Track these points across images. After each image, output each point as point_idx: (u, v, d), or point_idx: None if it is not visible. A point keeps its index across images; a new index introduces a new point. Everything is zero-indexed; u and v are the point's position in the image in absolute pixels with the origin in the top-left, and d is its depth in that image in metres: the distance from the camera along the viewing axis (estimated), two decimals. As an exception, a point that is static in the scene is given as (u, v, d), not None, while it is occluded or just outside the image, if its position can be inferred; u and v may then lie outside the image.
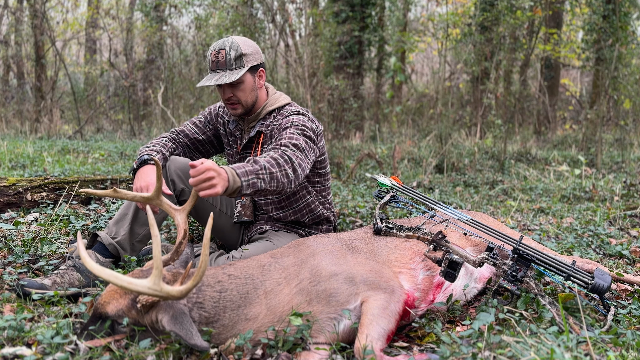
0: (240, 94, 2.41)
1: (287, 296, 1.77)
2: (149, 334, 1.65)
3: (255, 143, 2.55)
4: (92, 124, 11.57)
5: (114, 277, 1.50)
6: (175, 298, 1.55)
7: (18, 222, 2.80)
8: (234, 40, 2.38)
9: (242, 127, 2.61)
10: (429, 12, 17.11)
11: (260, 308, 1.73)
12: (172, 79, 10.65)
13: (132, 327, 1.66)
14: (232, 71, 2.36)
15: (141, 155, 2.36)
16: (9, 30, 12.63)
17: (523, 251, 2.00)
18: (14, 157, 5.77)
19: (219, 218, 2.63)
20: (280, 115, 2.50)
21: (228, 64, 2.35)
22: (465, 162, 6.96)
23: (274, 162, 2.07)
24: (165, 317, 1.59)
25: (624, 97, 10.50)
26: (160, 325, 1.60)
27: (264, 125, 2.52)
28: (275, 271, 1.84)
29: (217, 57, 2.36)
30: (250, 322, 1.71)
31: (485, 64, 9.57)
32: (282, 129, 2.36)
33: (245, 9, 8.05)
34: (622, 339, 1.70)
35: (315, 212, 2.62)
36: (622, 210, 4.12)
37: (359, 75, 11.34)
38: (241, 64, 2.37)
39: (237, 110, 2.46)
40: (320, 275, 1.81)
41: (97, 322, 1.64)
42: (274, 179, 2.04)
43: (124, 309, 1.64)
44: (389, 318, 1.72)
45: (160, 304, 1.62)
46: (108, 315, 1.64)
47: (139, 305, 1.61)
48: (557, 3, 12.50)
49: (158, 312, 1.61)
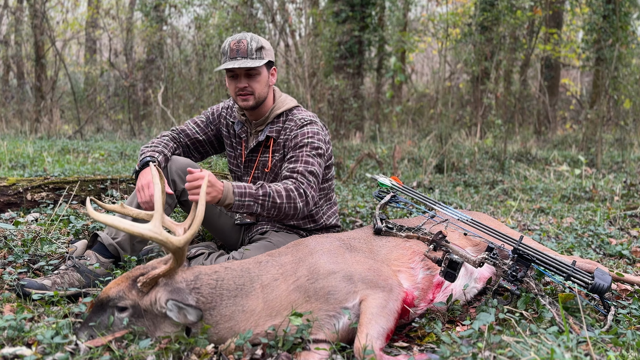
0: (255, 85, 2.42)
1: (285, 292, 1.78)
2: (145, 323, 1.68)
3: (263, 147, 2.54)
4: (92, 124, 11.57)
5: (117, 221, 1.61)
6: (175, 245, 1.65)
7: (18, 222, 2.80)
8: (253, 34, 2.43)
9: (248, 130, 2.59)
10: (429, 12, 17.11)
11: (257, 301, 1.75)
12: (172, 79, 10.65)
13: (132, 327, 1.66)
14: (253, 60, 2.38)
15: (143, 156, 2.35)
16: (9, 30, 12.62)
17: (523, 251, 2.00)
18: (14, 157, 5.77)
19: (219, 218, 2.63)
20: (290, 120, 2.49)
21: (249, 52, 2.38)
22: (465, 162, 6.96)
23: (285, 194, 2.20)
24: (164, 293, 1.67)
25: (624, 97, 10.49)
26: (159, 304, 1.67)
27: (274, 131, 2.50)
28: (272, 267, 1.87)
29: (238, 45, 2.37)
30: (248, 314, 1.72)
31: (485, 64, 9.57)
32: (298, 145, 2.39)
33: (245, 9, 8.05)
34: (622, 339, 1.70)
35: (319, 222, 2.63)
36: (622, 210, 4.12)
37: (359, 75, 11.34)
38: (261, 56, 2.41)
39: (248, 102, 2.43)
40: (318, 273, 1.82)
41: (100, 313, 1.68)
42: (275, 209, 2.19)
43: (125, 289, 1.69)
44: (387, 317, 1.72)
45: (159, 283, 1.70)
46: (109, 297, 1.69)
47: (140, 284, 1.68)
48: (557, 3, 12.50)
49: (157, 292, 1.68)
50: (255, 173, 2.58)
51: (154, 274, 1.68)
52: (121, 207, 1.86)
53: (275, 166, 2.51)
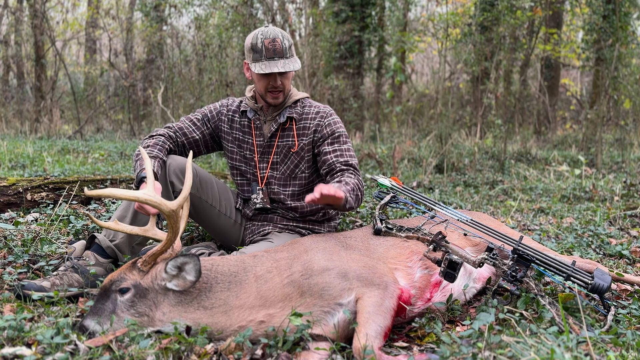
0: (286, 82, 2.49)
1: (278, 284, 1.82)
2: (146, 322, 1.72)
3: (280, 131, 2.56)
4: (92, 124, 11.57)
5: (112, 192, 1.72)
6: (169, 208, 1.76)
7: (18, 222, 2.79)
8: (279, 29, 2.46)
9: (262, 118, 2.60)
10: (429, 12, 17.11)
11: (251, 290, 1.80)
12: (172, 79, 10.65)
13: (132, 325, 1.67)
14: (290, 59, 2.42)
15: (138, 172, 2.28)
16: (9, 30, 12.62)
17: (523, 251, 2.00)
18: (14, 157, 5.77)
19: (219, 219, 2.63)
20: (309, 107, 2.58)
21: (285, 52, 2.41)
22: (465, 162, 6.96)
23: (360, 185, 2.37)
24: (163, 265, 1.80)
25: (624, 97, 10.49)
26: (160, 277, 1.78)
27: (294, 112, 2.56)
28: (267, 261, 1.92)
29: (274, 45, 2.39)
30: (241, 301, 1.78)
31: (485, 64, 9.57)
32: (335, 134, 2.52)
33: (245, 9, 8.05)
34: (622, 339, 1.70)
35: (334, 219, 2.71)
36: (622, 210, 4.12)
37: (359, 75, 11.34)
38: (292, 54, 2.45)
39: (278, 99, 2.50)
40: (312, 269, 1.84)
41: (104, 299, 1.76)
42: (358, 200, 2.35)
43: (126, 270, 1.81)
44: (384, 315, 1.72)
45: (158, 261, 1.83)
46: (112, 280, 1.78)
47: (140, 263, 1.81)
48: (557, 3, 12.50)
49: (157, 267, 1.81)
50: (274, 158, 2.59)
51: (153, 251, 1.81)
52: (115, 224, 1.86)
53: (302, 149, 2.54)
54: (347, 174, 2.40)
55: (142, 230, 1.91)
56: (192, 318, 1.75)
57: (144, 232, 1.91)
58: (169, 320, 1.74)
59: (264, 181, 2.60)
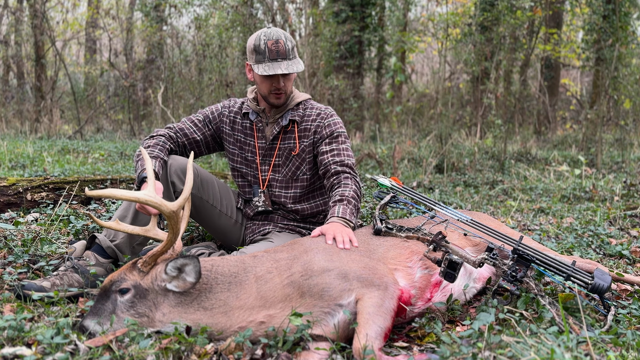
0: (288, 83, 2.49)
1: (279, 285, 1.81)
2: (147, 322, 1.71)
3: (282, 133, 2.56)
4: (92, 124, 11.57)
5: (112, 192, 1.72)
6: (169, 209, 1.76)
7: (18, 222, 2.79)
8: (281, 30, 2.45)
9: (264, 120, 2.60)
10: (429, 12, 17.10)
11: (251, 290, 1.80)
12: (172, 79, 10.64)
13: (132, 325, 1.67)
14: (292, 60, 2.42)
15: (140, 172, 2.29)
16: (9, 30, 12.62)
17: (523, 251, 2.00)
18: (14, 157, 5.77)
19: (219, 219, 2.63)
20: (311, 109, 2.58)
21: (288, 53, 2.41)
22: (465, 162, 6.96)
23: (357, 188, 2.39)
24: (163, 266, 1.80)
25: (624, 97, 10.49)
26: (159, 278, 1.78)
27: (296, 115, 2.57)
28: (267, 261, 1.91)
29: (277, 46, 2.39)
30: (242, 301, 1.78)
31: (485, 64, 9.57)
32: (333, 134, 2.53)
33: (245, 9, 8.05)
34: (622, 339, 1.70)
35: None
36: (622, 210, 4.12)
37: (359, 75, 11.34)
38: (295, 54, 2.45)
39: (280, 100, 2.50)
40: (312, 270, 1.83)
41: (104, 299, 1.77)
42: (359, 204, 2.39)
43: (126, 271, 1.81)
44: (384, 315, 1.72)
45: (158, 262, 1.82)
46: (112, 280, 1.78)
47: (140, 264, 1.81)
48: (557, 3, 12.50)
49: (157, 268, 1.81)
50: (276, 160, 2.59)
51: (154, 252, 1.80)
52: (116, 224, 1.86)
53: (304, 151, 2.55)
54: (344, 178, 2.40)
55: (143, 230, 1.91)
56: (192, 319, 1.75)
57: (145, 232, 1.91)
58: (168, 321, 1.74)
59: (266, 183, 2.60)
